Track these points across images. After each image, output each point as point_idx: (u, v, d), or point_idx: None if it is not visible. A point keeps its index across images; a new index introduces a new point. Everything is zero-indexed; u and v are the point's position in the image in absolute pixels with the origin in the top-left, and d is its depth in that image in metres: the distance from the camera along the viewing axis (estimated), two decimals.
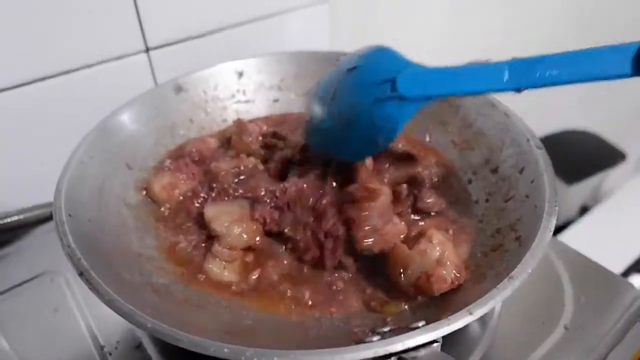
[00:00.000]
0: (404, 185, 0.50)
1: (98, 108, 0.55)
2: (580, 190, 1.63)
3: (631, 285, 0.54)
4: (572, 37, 1.42)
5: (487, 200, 0.50)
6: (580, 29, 1.44)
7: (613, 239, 1.45)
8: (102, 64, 0.65)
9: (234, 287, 0.44)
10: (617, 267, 1.37)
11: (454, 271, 0.39)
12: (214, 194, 0.51)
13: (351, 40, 0.93)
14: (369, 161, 0.48)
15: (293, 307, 0.42)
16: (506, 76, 0.39)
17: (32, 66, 0.60)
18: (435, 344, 0.32)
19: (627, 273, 1.36)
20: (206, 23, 0.71)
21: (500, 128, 0.54)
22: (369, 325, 0.39)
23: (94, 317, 0.50)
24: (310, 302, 0.42)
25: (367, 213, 0.42)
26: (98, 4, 0.61)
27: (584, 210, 1.71)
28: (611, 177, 1.72)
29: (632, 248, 1.41)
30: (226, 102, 0.65)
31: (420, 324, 0.34)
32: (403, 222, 0.44)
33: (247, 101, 0.66)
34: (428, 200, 0.49)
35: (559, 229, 1.54)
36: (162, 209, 0.52)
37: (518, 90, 0.39)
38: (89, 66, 0.64)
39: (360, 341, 0.33)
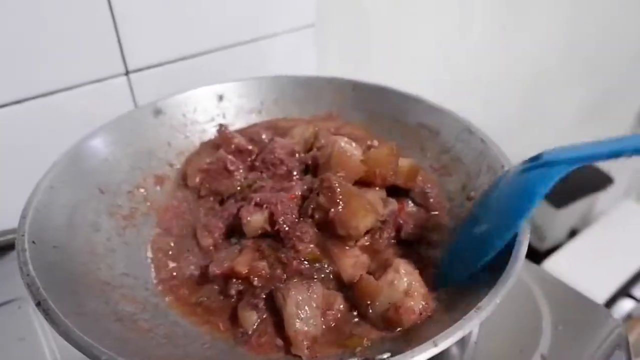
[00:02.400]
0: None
1: (77, 131, 0.54)
2: (569, 214, 1.63)
3: (610, 314, 0.54)
4: (561, 64, 1.45)
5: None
6: (571, 55, 1.47)
7: (602, 262, 1.45)
8: (82, 87, 0.64)
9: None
10: (606, 290, 1.36)
11: (422, 302, 0.38)
12: None
13: (338, 64, 0.94)
14: None
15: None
16: None
17: (10, 88, 0.60)
18: None
19: (615, 296, 1.35)
20: (188, 46, 0.72)
21: (477, 154, 0.54)
22: (337, 356, 0.38)
23: (60, 347, 0.49)
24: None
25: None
26: (78, 27, 0.61)
27: (573, 233, 1.71)
28: (601, 200, 1.72)
29: (620, 271, 1.41)
30: (205, 126, 0.65)
31: (386, 355, 0.33)
32: (365, 254, 0.44)
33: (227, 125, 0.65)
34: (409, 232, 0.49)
35: (547, 253, 1.54)
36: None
37: None
38: (68, 89, 0.63)
39: None
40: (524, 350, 0.50)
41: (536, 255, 1.62)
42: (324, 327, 0.40)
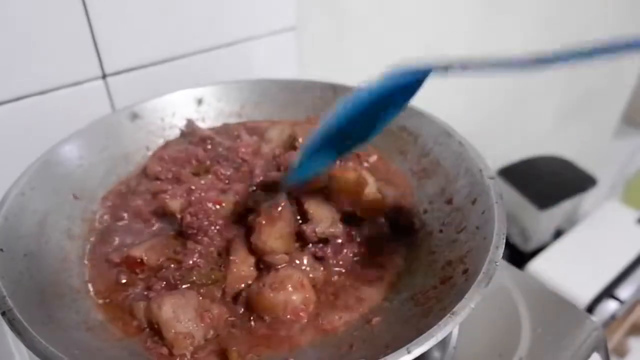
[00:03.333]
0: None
1: (52, 136, 0.53)
2: (554, 215, 1.64)
3: (589, 317, 0.54)
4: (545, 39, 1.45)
5: (440, 231, 0.50)
6: (557, 25, 1.47)
7: (586, 263, 1.46)
8: (57, 90, 0.63)
9: None
10: (590, 291, 1.37)
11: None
12: None
13: (319, 67, 0.93)
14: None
15: None
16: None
17: None
18: None
19: (599, 297, 1.36)
20: (168, 49, 0.71)
21: (455, 157, 0.54)
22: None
23: (31, 356, 0.48)
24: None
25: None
26: (52, 28, 0.60)
27: (558, 234, 1.73)
28: (586, 201, 1.74)
29: (604, 272, 1.42)
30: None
31: None
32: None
33: (206, 129, 0.65)
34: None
35: (532, 254, 1.55)
36: None
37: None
38: (43, 92, 0.62)
39: None
40: (503, 353, 0.50)
41: (521, 257, 1.63)
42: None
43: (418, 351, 0.32)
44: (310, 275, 0.46)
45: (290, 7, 0.80)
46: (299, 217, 0.48)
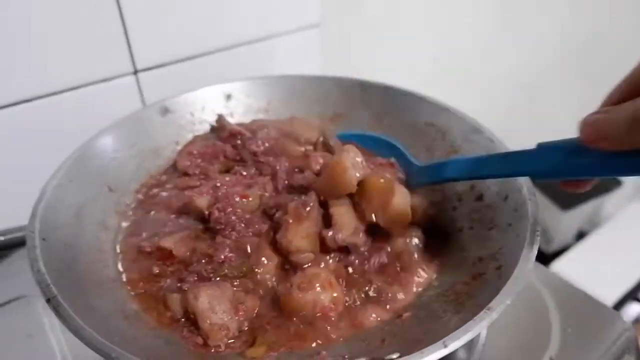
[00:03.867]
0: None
1: (84, 130, 0.54)
2: (576, 216, 1.62)
3: (619, 317, 0.53)
4: (557, 65, 1.44)
5: (471, 228, 0.50)
6: (568, 56, 1.46)
7: (609, 265, 1.44)
8: (90, 86, 0.65)
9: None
10: (613, 294, 1.35)
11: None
12: None
13: (342, 64, 0.94)
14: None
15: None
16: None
17: (18, 87, 0.60)
18: None
19: (623, 300, 1.34)
20: (196, 46, 0.72)
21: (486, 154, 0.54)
22: (341, 356, 0.37)
23: (69, 344, 0.49)
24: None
25: None
26: (86, 25, 0.61)
27: (580, 235, 1.70)
28: (608, 203, 1.71)
29: (628, 275, 1.40)
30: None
31: (395, 355, 0.33)
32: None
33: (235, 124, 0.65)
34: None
35: (554, 255, 1.53)
36: None
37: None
38: (76, 88, 0.64)
39: None
40: (532, 352, 0.49)
41: (543, 258, 1.62)
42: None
43: (454, 345, 0.32)
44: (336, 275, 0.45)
45: (315, 5, 0.81)
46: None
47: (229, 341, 0.40)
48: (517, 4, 1.21)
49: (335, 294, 0.43)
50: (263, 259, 0.46)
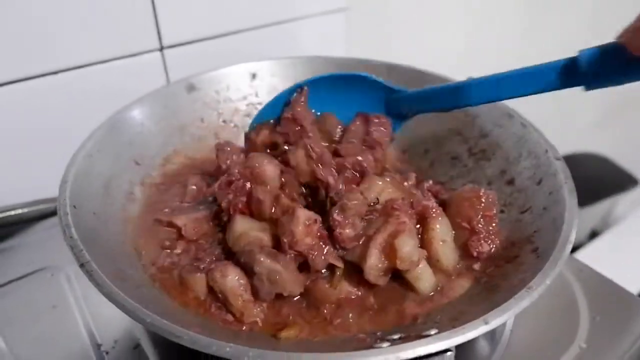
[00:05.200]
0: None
1: (109, 104, 0.54)
2: (591, 214, 1.60)
3: None
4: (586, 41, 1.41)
5: (502, 212, 0.49)
6: (595, 32, 1.43)
7: (621, 266, 1.42)
8: (116, 60, 0.64)
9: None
10: None
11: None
12: None
13: (366, 48, 0.93)
14: None
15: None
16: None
17: (46, 59, 0.60)
18: (448, 353, 0.30)
19: None
20: (222, 25, 0.71)
21: (517, 139, 0.53)
22: (379, 332, 0.37)
23: (92, 315, 0.49)
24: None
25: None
26: (116, 0, 0.61)
27: (593, 234, 1.69)
28: (622, 202, 1.69)
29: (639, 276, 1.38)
30: (238, 104, 0.64)
31: (433, 332, 0.32)
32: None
33: (259, 103, 0.65)
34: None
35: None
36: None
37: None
38: (103, 62, 0.63)
39: (369, 347, 0.31)
40: (560, 341, 0.48)
41: None
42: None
43: (495, 322, 0.32)
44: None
45: None
46: None
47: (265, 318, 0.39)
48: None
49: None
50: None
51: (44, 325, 0.49)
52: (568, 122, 1.61)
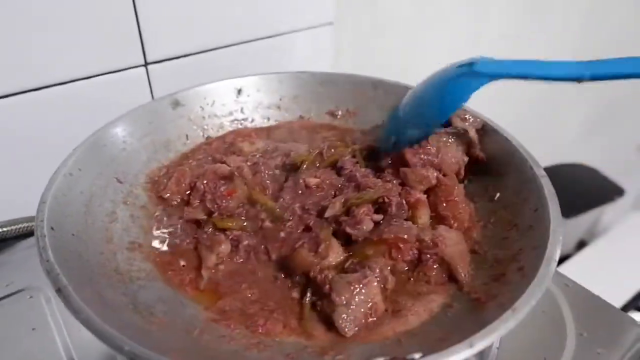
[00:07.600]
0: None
1: (93, 120, 0.53)
2: (577, 225, 1.61)
3: (635, 321, 0.52)
4: (579, 46, 1.43)
5: (485, 227, 0.49)
6: (593, 33, 1.44)
7: (609, 275, 1.43)
8: (101, 76, 0.64)
9: None
10: (614, 304, 1.34)
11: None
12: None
13: (354, 62, 0.93)
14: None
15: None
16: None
17: (28, 76, 0.59)
18: None
19: (624, 309, 1.33)
20: (207, 40, 0.71)
21: (502, 154, 0.53)
22: (362, 355, 0.36)
23: (72, 338, 0.48)
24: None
25: None
26: (99, 16, 0.60)
27: (581, 245, 1.70)
28: (609, 212, 1.71)
29: (628, 285, 1.39)
30: (223, 120, 0.64)
31: (417, 355, 0.32)
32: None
33: (244, 119, 0.65)
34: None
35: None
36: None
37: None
38: (87, 77, 0.63)
39: None
40: (547, 357, 0.48)
41: None
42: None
43: (481, 345, 0.31)
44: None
45: (330, 3, 0.80)
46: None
47: None
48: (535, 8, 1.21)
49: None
50: None
51: (23, 348, 0.48)
52: (555, 132, 1.63)
